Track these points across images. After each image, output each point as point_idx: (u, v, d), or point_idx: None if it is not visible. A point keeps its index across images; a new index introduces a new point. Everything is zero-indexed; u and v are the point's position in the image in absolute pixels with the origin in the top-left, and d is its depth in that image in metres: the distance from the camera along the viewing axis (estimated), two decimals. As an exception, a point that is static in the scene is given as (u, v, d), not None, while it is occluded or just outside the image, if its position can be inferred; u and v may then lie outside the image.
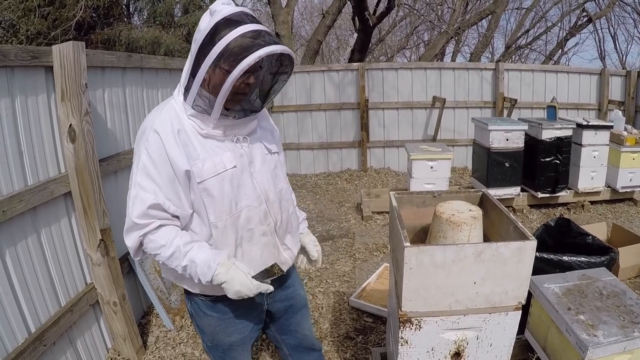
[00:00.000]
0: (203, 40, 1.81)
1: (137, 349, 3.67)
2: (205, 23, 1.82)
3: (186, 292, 2.22)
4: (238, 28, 1.78)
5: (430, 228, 2.68)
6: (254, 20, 1.86)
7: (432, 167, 6.59)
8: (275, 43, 1.82)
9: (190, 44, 1.92)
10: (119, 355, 3.64)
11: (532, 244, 2.18)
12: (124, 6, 13.31)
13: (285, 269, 2.19)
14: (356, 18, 13.05)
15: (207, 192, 1.97)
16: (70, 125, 3.02)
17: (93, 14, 11.66)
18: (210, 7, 1.86)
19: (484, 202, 2.94)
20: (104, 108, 3.71)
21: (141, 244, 2.02)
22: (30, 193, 2.79)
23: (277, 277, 2.06)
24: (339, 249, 5.79)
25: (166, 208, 1.95)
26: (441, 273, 2.14)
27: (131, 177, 1.98)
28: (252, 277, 1.96)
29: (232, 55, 1.77)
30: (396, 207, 2.66)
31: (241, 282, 1.92)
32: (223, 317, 2.21)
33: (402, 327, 2.32)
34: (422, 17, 17.22)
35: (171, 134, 1.91)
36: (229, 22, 1.79)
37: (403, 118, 9.75)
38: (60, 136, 3.09)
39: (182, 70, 1.99)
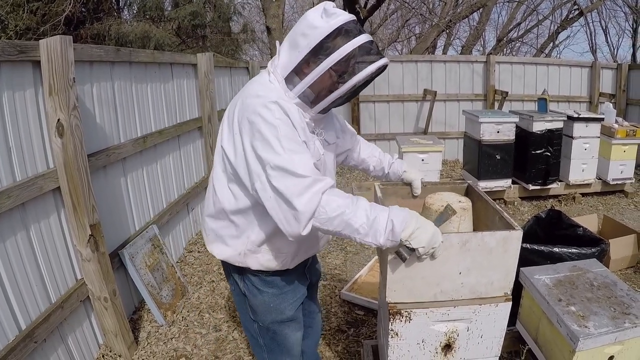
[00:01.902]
0: (321, 40, 1.87)
1: (129, 344, 3.65)
2: (320, 22, 1.88)
3: (237, 273, 2.31)
4: (357, 38, 1.87)
5: None
6: (362, 29, 1.93)
7: (423, 160, 6.60)
8: (382, 54, 1.92)
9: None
10: (110, 351, 3.61)
11: (518, 233, 2.17)
12: (113, 0, 13.23)
13: (326, 244, 2.49)
14: (347, 11, 13.02)
15: None
16: (58, 120, 2.99)
17: (82, 9, 11.57)
18: (323, 6, 1.92)
19: (469, 194, 2.94)
20: (92, 103, 3.68)
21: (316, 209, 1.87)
22: (18, 189, 2.77)
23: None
24: (330, 242, 5.77)
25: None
26: (426, 263, 2.13)
27: (267, 149, 1.87)
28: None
29: (355, 62, 1.88)
30: (381, 198, 2.66)
31: (432, 230, 1.97)
32: (277, 292, 2.30)
33: (391, 319, 2.31)
34: (414, 10, 17.24)
35: (292, 108, 1.97)
36: (347, 31, 1.87)
37: (394, 111, 9.77)
38: (49, 131, 3.06)
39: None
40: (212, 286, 4.72)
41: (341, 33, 1.86)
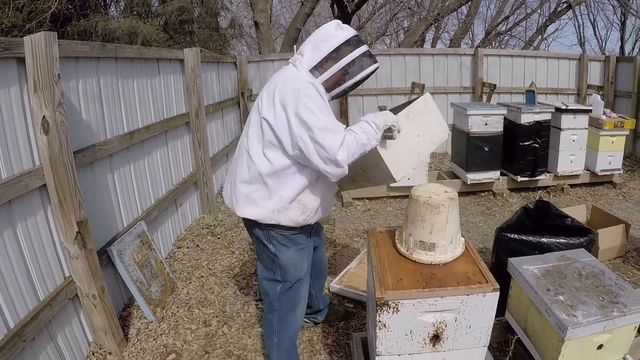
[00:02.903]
0: (338, 45, 2.66)
1: (119, 341, 3.63)
2: (337, 33, 2.68)
3: (265, 238, 2.86)
4: (361, 47, 2.69)
5: (407, 211, 2.68)
6: (364, 41, 2.76)
7: (411, 153, 6.60)
8: (376, 60, 2.80)
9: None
10: (100, 349, 3.59)
11: (428, 96, 2.70)
12: (100, -3, 13.13)
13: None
14: (335, 5, 13.00)
15: None
16: (44, 116, 2.96)
17: (69, 6, 11.45)
18: (336, 22, 2.75)
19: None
20: (78, 99, 3.65)
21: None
22: (4, 187, 2.74)
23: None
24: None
25: None
26: (399, 138, 2.78)
27: (310, 115, 2.48)
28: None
29: (358, 65, 2.71)
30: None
31: (386, 114, 2.73)
32: (298, 248, 2.91)
33: (379, 310, 2.33)
34: (402, 3, 17.19)
35: (320, 88, 2.67)
36: (356, 41, 2.69)
37: (382, 104, 9.73)
38: (34, 128, 3.03)
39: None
40: (201, 282, 4.71)
41: (351, 42, 2.67)
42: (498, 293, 2.35)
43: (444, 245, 2.55)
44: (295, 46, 3.00)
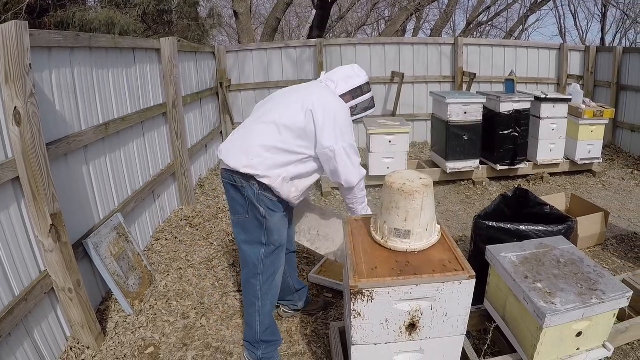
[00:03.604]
0: (361, 84, 3.29)
1: (96, 335, 3.59)
2: (360, 73, 3.31)
3: (258, 202, 3.00)
4: (370, 91, 3.34)
5: (382, 199, 2.65)
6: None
7: (390, 142, 6.62)
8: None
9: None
10: (78, 344, 3.55)
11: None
12: (77, -13, 12.94)
13: None
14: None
15: None
16: (15, 108, 2.90)
17: (46, -4, 11.31)
18: (355, 65, 3.40)
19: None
20: (51, 89, 3.59)
21: None
22: (-24, 180, 2.70)
23: None
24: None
25: None
26: None
27: (345, 131, 3.06)
28: None
29: (368, 102, 3.36)
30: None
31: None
32: (283, 214, 3.14)
33: (353, 299, 2.31)
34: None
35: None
36: (369, 84, 3.34)
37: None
38: (6, 120, 2.97)
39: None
40: (179, 273, 4.67)
41: (366, 85, 3.31)
42: (474, 280, 2.33)
43: (419, 233, 2.53)
44: (322, 73, 3.52)
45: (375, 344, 2.48)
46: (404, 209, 2.49)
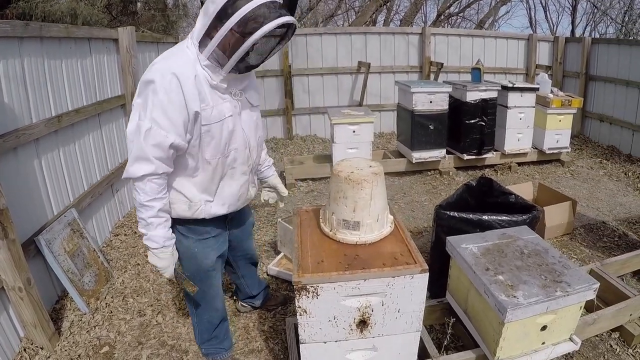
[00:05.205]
0: (224, 4, 2.07)
1: (50, 335, 3.45)
2: None
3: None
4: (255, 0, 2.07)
5: (330, 188, 2.49)
6: None
7: (354, 131, 6.46)
8: (285, 14, 2.11)
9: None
10: (32, 344, 3.43)
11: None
12: (38, -23, 12.58)
13: (248, 202, 2.95)
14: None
15: (210, 134, 2.38)
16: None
17: (8, -13, 10.98)
18: None
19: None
20: (-1, 81, 3.43)
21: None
22: None
23: None
24: (260, 219, 5.61)
25: (176, 144, 2.27)
26: None
27: (140, 111, 2.23)
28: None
29: (253, 22, 2.07)
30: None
31: (165, 265, 2.52)
32: (200, 237, 2.71)
33: (298, 295, 2.14)
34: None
35: (190, 77, 2.23)
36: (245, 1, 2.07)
37: (328, 84, 9.57)
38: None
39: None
40: (137, 269, 4.54)
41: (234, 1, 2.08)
42: (427, 274, 2.18)
43: (369, 224, 2.37)
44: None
45: (325, 342, 2.34)
46: (352, 199, 2.32)
